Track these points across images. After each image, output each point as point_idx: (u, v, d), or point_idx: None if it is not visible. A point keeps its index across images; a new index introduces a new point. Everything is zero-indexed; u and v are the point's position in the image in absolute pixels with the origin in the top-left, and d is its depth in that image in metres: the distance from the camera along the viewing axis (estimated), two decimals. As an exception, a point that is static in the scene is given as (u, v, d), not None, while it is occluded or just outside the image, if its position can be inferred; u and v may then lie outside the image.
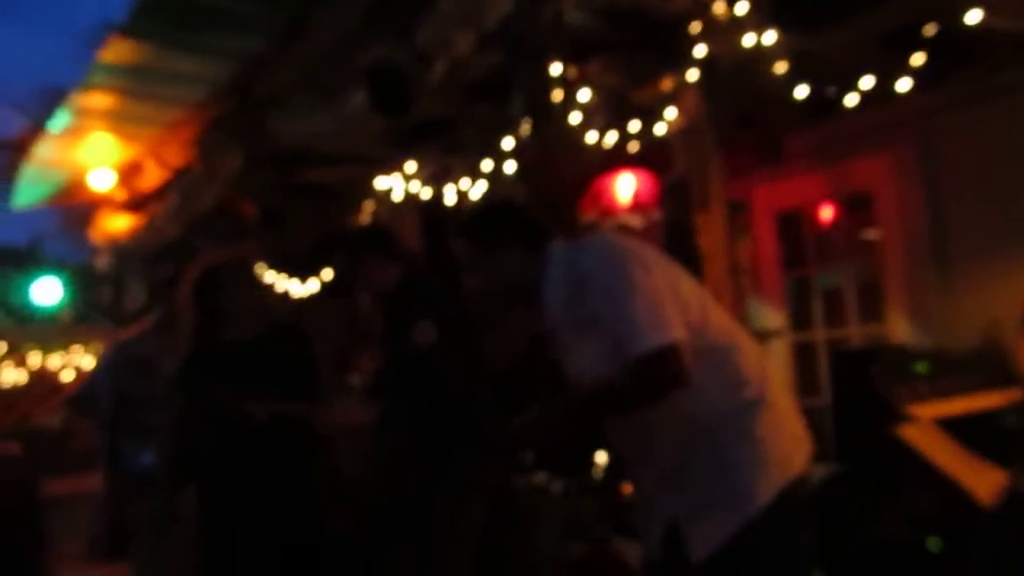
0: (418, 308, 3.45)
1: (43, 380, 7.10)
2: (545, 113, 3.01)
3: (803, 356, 5.80)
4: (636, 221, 5.54)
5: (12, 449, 6.04)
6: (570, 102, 3.62)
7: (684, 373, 2.04)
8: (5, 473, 5.89)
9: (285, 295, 6.42)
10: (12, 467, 6.08)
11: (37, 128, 7.48)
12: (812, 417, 5.70)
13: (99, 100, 4.96)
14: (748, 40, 3.79)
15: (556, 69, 3.17)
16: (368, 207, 5.85)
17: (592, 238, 2.29)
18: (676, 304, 2.10)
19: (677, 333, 2.04)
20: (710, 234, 4.10)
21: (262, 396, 3.45)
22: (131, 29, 4.21)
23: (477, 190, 5.29)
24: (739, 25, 3.75)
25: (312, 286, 6.79)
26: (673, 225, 4.99)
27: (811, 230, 5.84)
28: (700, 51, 3.96)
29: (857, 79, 4.07)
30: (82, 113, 5.17)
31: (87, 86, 4.83)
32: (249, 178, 5.48)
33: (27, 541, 5.81)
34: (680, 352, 2.03)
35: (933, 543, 3.55)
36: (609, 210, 5.55)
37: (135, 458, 4.52)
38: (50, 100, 7.99)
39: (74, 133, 5.44)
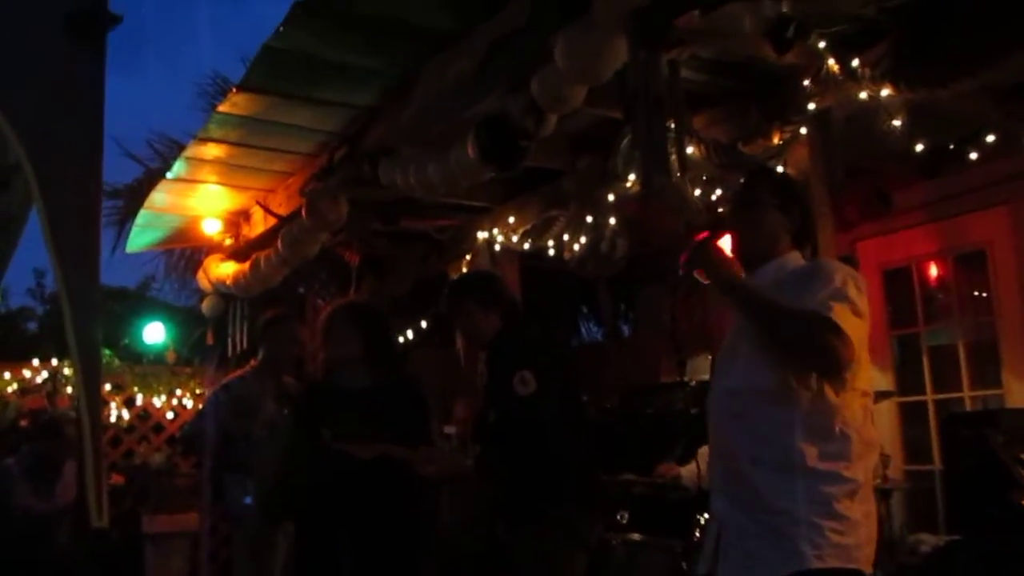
0: (518, 358, 3.44)
1: (147, 419, 7.28)
2: (659, 167, 2.99)
3: (910, 419, 5.60)
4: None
5: (117, 481, 6.19)
6: (679, 157, 3.59)
7: (844, 363, 2.12)
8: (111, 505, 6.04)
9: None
10: (117, 500, 6.23)
11: (151, 176, 7.82)
12: (920, 483, 5.52)
13: (213, 150, 5.12)
14: (863, 95, 3.72)
15: (669, 122, 3.15)
16: (469, 257, 5.89)
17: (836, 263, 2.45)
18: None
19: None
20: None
21: (367, 438, 3.48)
22: (249, 83, 4.35)
23: (578, 242, 5.29)
24: (853, 79, 3.68)
25: (411, 335, 6.87)
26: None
27: (919, 287, 5.68)
28: (812, 105, 3.91)
29: (977, 133, 3.97)
30: (195, 162, 5.34)
31: (203, 137, 4.99)
32: (354, 226, 5.57)
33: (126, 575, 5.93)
34: (849, 349, 2.10)
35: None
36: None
37: (237, 497, 4.63)
38: (164, 149, 8.38)
39: (186, 181, 5.62)
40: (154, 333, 8.10)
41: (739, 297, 2.30)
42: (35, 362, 7.18)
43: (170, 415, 7.29)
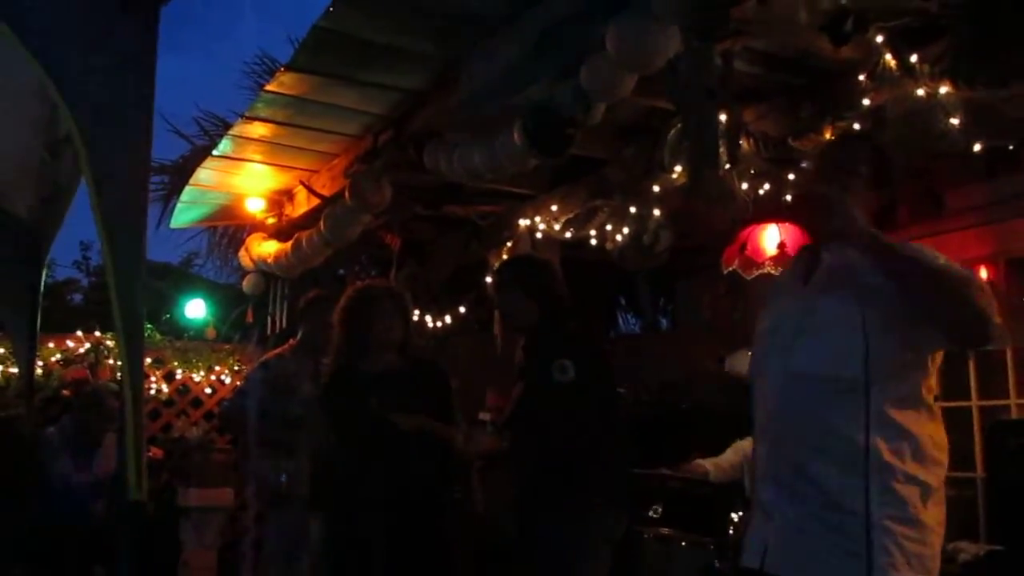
0: (559, 346, 3.42)
1: (186, 393, 7.36)
2: (710, 159, 2.94)
3: (954, 424, 5.49)
4: (778, 273, 5.39)
5: (155, 455, 6.27)
6: (729, 150, 3.54)
7: (996, 331, 2.02)
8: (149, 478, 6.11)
9: (422, 327, 6.49)
10: (153, 473, 6.30)
11: (197, 153, 7.88)
12: (962, 490, 5.43)
13: (259, 129, 5.14)
14: (920, 92, 3.63)
15: (721, 115, 3.10)
16: (510, 244, 5.86)
17: None
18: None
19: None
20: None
21: (409, 410, 3.50)
22: (297, 63, 4.35)
23: (621, 232, 5.24)
24: (911, 75, 3.59)
25: (448, 319, 6.86)
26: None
27: (968, 291, 5.56)
28: (866, 101, 3.82)
29: (1038, 135, 3.86)
30: (241, 141, 5.37)
31: (249, 116, 5.01)
32: (396, 210, 5.57)
33: (161, 548, 6.00)
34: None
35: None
36: (753, 260, 5.42)
37: (272, 475, 4.65)
38: (211, 127, 8.44)
39: (232, 159, 5.66)
40: (195, 309, 8.18)
41: (883, 248, 2.07)
42: (79, 333, 7.27)
43: (208, 390, 7.36)
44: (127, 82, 2.37)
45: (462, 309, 6.81)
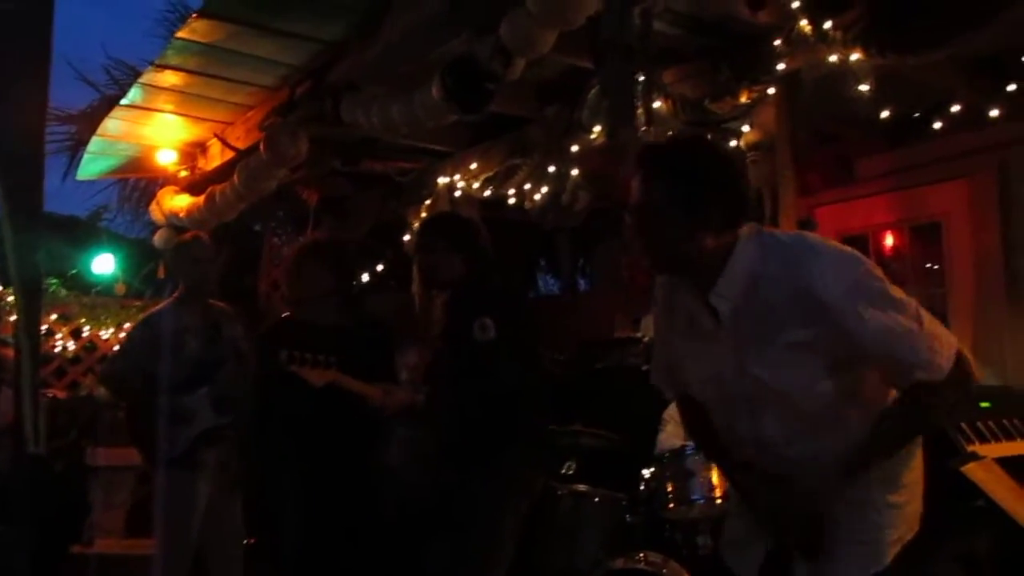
0: (481, 304, 3.42)
1: (93, 350, 7.16)
2: (626, 119, 2.95)
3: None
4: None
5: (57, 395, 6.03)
6: (645, 110, 3.55)
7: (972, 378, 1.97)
8: (51, 440, 5.96)
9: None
10: (61, 432, 6.14)
11: (106, 103, 7.61)
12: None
13: (171, 78, 4.97)
14: (833, 58, 3.70)
15: (640, 75, 3.11)
16: (429, 202, 5.82)
17: (818, 245, 1.98)
18: None
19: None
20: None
21: (323, 365, 3.47)
22: (210, 9, 4.21)
23: (539, 192, 5.25)
24: (824, 41, 3.66)
25: (366, 277, 6.80)
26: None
27: (875, 256, 5.73)
28: (781, 66, 3.88)
29: (945, 104, 3.97)
30: (152, 90, 5.19)
31: (160, 64, 4.84)
32: (313, 164, 5.47)
33: (69, 508, 5.86)
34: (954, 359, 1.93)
35: (989, 585, 3.45)
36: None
37: (174, 437, 4.39)
38: (121, 76, 8.15)
39: (142, 109, 5.47)
40: (104, 264, 7.93)
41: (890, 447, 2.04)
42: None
43: (117, 347, 7.16)
44: (21, 23, 2.25)
45: (380, 266, 6.76)
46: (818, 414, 2.03)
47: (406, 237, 6.17)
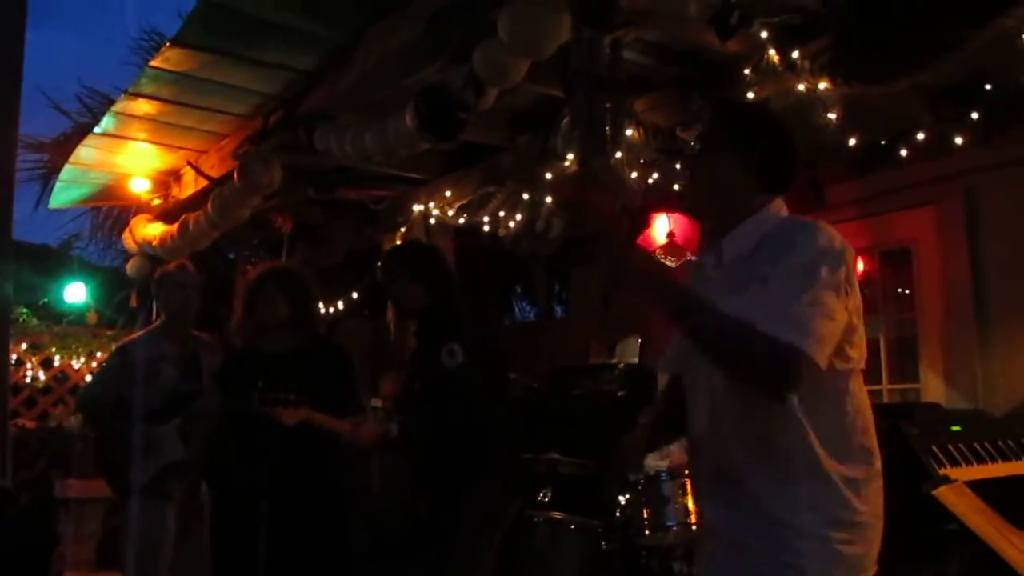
0: (448, 330, 3.43)
1: (64, 380, 7.07)
2: (597, 147, 2.98)
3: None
4: (670, 262, 5.52)
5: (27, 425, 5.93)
6: (616, 138, 3.59)
7: (788, 387, 1.81)
8: (19, 471, 5.88)
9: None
10: (29, 462, 6.06)
11: (79, 131, 7.57)
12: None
13: (144, 106, 4.97)
14: (801, 87, 3.76)
15: (610, 103, 3.14)
16: (404, 230, 5.83)
17: (814, 225, 1.95)
18: (844, 332, 1.88)
19: (819, 354, 1.78)
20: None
21: (294, 404, 3.44)
22: (184, 39, 4.21)
23: (514, 219, 5.27)
24: (793, 70, 3.72)
25: (340, 305, 6.78)
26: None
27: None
28: (751, 94, 3.93)
29: (911, 132, 4.04)
30: (125, 118, 5.17)
31: (133, 92, 4.83)
32: (287, 192, 5.47)
33: (37, 541, 5.77)
34: (803, 368, 1.76)
35: (963, 608, 3.47)
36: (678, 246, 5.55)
37: (142, 466, 4.34)
38: (94, 104, 8.12)
39: (116, 137, 5.45)
40: (75, 293, 7.84)
41: (673, 312, 1.94)
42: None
43: (88, 377, 7.08)
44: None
45: (355, 295, 6.75)
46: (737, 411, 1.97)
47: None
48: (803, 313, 1.79)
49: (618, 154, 3.82)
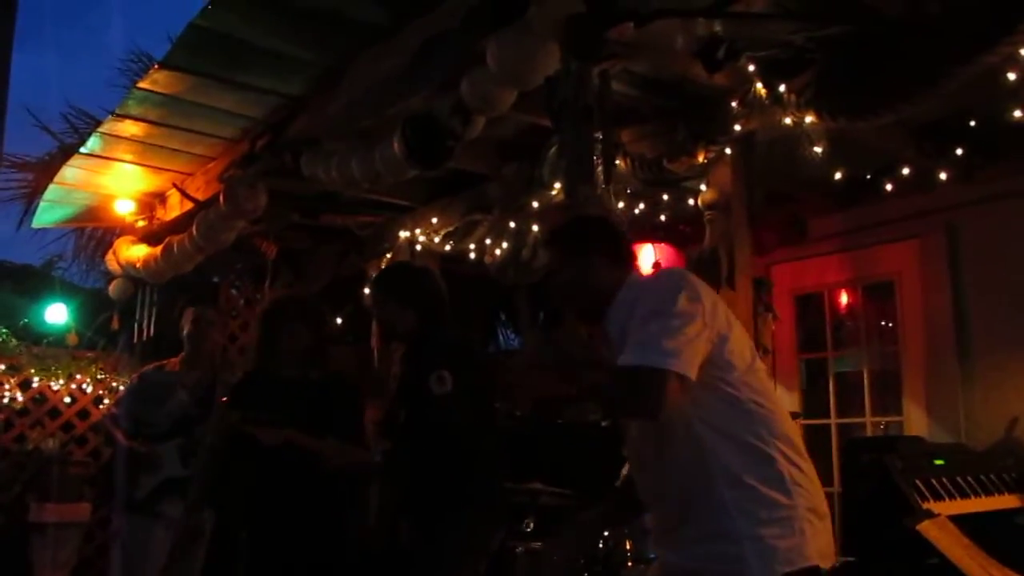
0: (437, 357, 3.40)
1: (42, 403, 6.98)
2: (584, 177, 2.99)
3: (814, 441, 5.72)
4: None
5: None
6: (607, 169, 3.60)
7: (656, 403, 1.98)
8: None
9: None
10: (4, 486, 5.98)
11: (64, 151, 7.53)
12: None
13: (131, 128, 4.96)
14: (787, 120, 3.80)
15: (597, 134, 3.16)
16: (389, 256, 5.82)
17: (643, 278, 2.32)
18: (716, 342, 2.08)
19: (678, 366, 1.98)
20: (735, 311, 4.05)
21: (277, 425, 3.42)
22: (172, 61, 4.22)
23: (499, 247, 5.28)
24: (779, 104, 3.75)
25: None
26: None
27: (830, 313, 5.81)
28: (737, 127, 3.96)
29: (894, 166, 4.08)
30: (112, 139, 5.16)
31: (120, 113, 4.83)
32: (272, 217, 5.46)
33: (8, 569, 5.68)
34: (664, 381, 1.97)
35: (945, 644, 3.45)
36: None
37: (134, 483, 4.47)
38: (81, 124, 8.08)
39: (101, 158, 5.44)
40: (56, 314, 7.74)
41: (568, 376, 2.33)
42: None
43: (68, 400, 6.98)
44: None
45: (339, 321, 6.71)
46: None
47: (366, 290, 6.15)
48: (652, 337, 2.01)
49: (604, 184, 3.83)
